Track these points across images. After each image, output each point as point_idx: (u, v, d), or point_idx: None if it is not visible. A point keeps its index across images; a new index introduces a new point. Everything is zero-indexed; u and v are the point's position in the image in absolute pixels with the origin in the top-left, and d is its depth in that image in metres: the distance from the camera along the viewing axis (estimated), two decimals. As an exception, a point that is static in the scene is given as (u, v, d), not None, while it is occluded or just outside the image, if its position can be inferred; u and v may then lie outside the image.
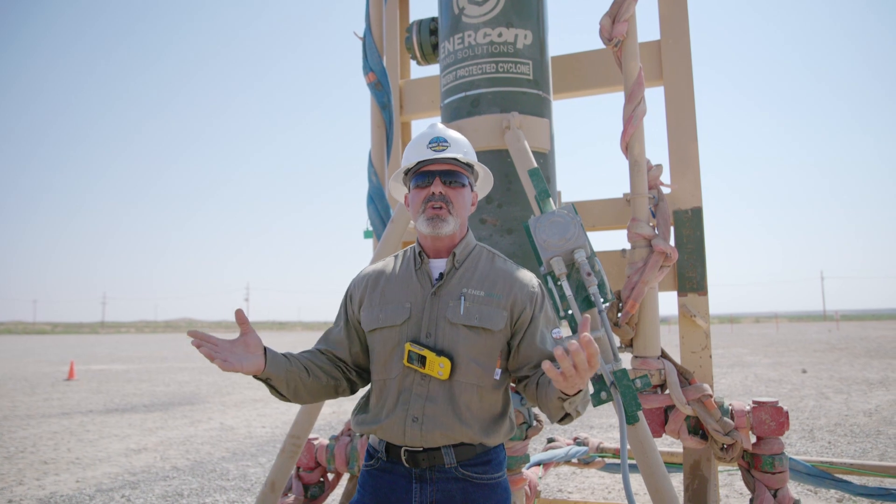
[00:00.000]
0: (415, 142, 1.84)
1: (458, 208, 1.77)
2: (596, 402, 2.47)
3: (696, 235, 3.43)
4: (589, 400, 1.60)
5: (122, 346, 40.62)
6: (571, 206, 2.66)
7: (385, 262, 1.91)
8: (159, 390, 13.46)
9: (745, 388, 11.65)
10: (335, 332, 1.89)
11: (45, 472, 6.18)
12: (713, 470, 3.23)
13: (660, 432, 3.16)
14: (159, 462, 6.54)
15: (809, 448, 6.56)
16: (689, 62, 3.56)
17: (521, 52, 3.18)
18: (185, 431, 8.38)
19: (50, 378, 16.60)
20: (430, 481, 1.67)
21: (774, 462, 3.00)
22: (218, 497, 5.17)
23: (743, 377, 13.48)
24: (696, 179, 3.48)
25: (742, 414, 3.04)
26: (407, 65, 4.39)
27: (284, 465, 2.90)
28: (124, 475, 5.99)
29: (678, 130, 3.52)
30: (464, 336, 1.69)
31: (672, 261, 3.16)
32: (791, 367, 15.36)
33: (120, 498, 5.18)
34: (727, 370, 15.03)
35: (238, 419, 9.40)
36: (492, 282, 1.76)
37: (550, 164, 3.31)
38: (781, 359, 18.32)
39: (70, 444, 7.61)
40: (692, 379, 3.13)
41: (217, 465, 6.39)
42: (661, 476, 2.30)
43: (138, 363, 22.58)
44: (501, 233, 3.11)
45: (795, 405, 9.41)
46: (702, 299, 3.39)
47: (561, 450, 4.19)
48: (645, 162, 3.27)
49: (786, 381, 12.66)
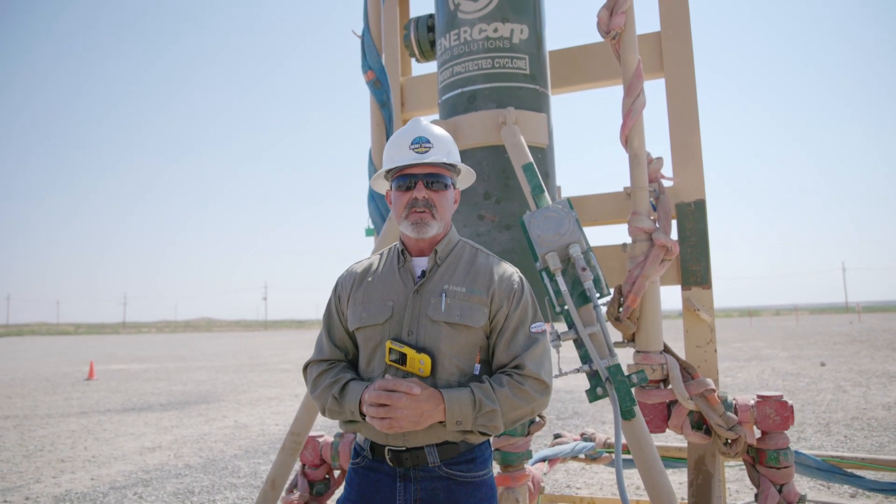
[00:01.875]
0: (396, 140, 1.82)
1: (441, 211, 1.77)
2: (592, 398, 2.46)
3: (699, 228, 3.39)
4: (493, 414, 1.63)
5: (142, 345, 41.16)
6: (566, 200, 2.64)
7: (370, 260, 1.91)
8: (176, 389, 13.61)
9: (761, 381, 11.52)
10: (338, 336, 1.86)
11: (61, 469, 6.28)
12: (718, 465, 3.20)
13: (663, 427, 3.13)
14: (173, 460, 6.62)
15: (825, 442, 6.47)
16: (690, 53, 3.51)
17: (517, 47, 3.16)
18: (199, 430, 8.47)
19: (70, 378, 16.87)
20: (413, 480, 1.67)
21: (779, 457, 2.96)
22: (228, 494, 5.22)
23: (760, 371, 13.33)
24: (698, 171, 3.44)
25: (746, 408, 3.01)
26: (408, 62, 4.39)
27: (285, 463, 2.92)
28: (138, 473, 6.07)
29: (680, 122, 3.48)
30: (445, 333, 1.69)
31: (673, 254, 3.12)
32: (810, 361, 15.17)
33: (132, 495, 5.25)
34: (744, 364, 14.88)
35: (252, 417, 9.48)
36: (472, 278, 1.75)
37: (549, 159, 3.30)
38: (800, 352, 18.09)
39: (87, 442, 7.73)
40: (695, 374, 3.10)
41: (229, 462, 6.45)
42: (658, 472, 2.29)
43: (157, 363, 22.87)
44: (500, 229, 3.10)
45: (812, 399, 9.29)
46: (706, 293, 3.35)
47: (567, 445, 4.17)
48: (645, 155, 3.24)
49: (804, 374, 12.49)
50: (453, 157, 1.83)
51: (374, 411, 1.57)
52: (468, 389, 1.62)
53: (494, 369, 1.74)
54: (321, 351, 1.86)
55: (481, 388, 1.63)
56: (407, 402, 1.55)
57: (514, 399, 1.63)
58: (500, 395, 1.62)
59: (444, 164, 1.79)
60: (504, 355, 1.71)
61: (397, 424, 1.56)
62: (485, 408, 1.60)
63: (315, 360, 1.85)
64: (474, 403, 1.60)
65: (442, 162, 1.77)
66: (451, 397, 1.60)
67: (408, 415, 1.56)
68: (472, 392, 1.61)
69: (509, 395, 1.63)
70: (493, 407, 1.61)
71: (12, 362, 24.49)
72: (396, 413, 1.55)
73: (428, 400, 1.58)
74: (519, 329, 1.72)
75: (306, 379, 1.86)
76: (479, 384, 1.65)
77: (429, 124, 1.85)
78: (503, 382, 1.65)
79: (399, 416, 1.56)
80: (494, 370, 1.74)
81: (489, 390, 1.63)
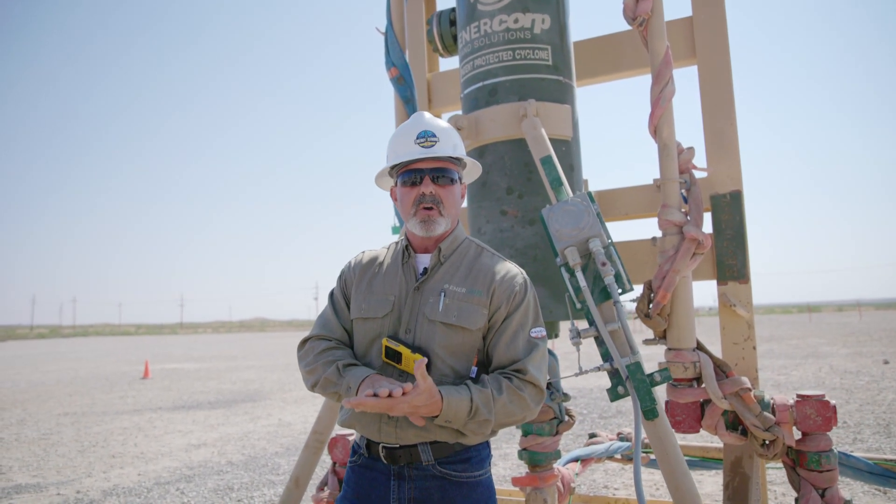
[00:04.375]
0: (400, 134, 1.78)
1: (448, 207, 1.74)
2: (613, 397, 2.38)
3: (735, 221, 3.25)
4: (485, 423, 1.58)
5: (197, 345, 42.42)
6: (587, 194, 2.56)
7: (377, 252, 1.88)
8: (225, 388, 13.96)
9: (818, 379, 11.06)
10: (345, 318, 1.81)
11: (111, 465, 6.50)
12: (756, 467, 3.05)
13: (696, 427, 3.00)
14: (216, 457, 6.78)
15: (884, 444, 6.14)
16: (725, 37, 3.36)
17: (538, 38, 3.09)
18: (244, 427, 8.65)
19: (127, 377, 17.52)
20: (408, 479, 1.64)
21: (821, 459, 2.80)
22: (266, 491, 5.30)
23: (816, 368, 12.79)
24: (734, 162, 3.29)
25: (784, 408, 2.85)
26: (435, 58, 4.35)
27: (308, 461, 2.93)
28: (182, 469, 6.23)
29: (714, 111, 3.34)
30: (441, 333, 1.65)
31: (705, 248, 2.99)
32: (871, 358, 14.46)
33: (175, 491, 5.39)
34: (800, 361, 14.31)
35: (296, 415, 9.63)
36: (474, 278, 1.71)
37: (574, 152, 3.21)
38: (862, 349, 17.28)
39: (137, 439, 7.99)
40: (730, 372, 2.96)
41: (270, 459, 6.56)
42: (682, 474, 2.19)
43: (209, 362, 23.52)
44: (523, 224, 3.03)
45: (872, 398, 8.84)
46: (743, 288, 3.21)
47: (601, 445, 4.06)
48: (675, 145, 3.11)
49: (864, 372, 11.92)
50: (459, 151, 1.80)
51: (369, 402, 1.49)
52: (468, 397, 1.56)
53: (491, 370, 1.69)
54: (331, 330, 1.79)
55: (481, 396, 1.57)
56: (399, 401, 1.49)
57: (510, 407, 1.59)
58: (497, 404, 1.57)
59: (450, 157, 1.75)
60: (503, 356, 1.66)
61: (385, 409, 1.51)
62: (479, 416, 1.56)
63: (320, 336, 1.79)
64: (470, 411, 1.55)
65: (448, 156, 1.73)
66: (451, 402, 1.54)
67: (400, 409, 1.50)
68: (472, 399, 1.56)
69: (507, 403, 1.58)
70: (487, 417, 1.56)
71: (76, 362, 25.58)
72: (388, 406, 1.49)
73: (426, 399, 1.51)
74: (519, 331, 1.67)
75: (304, 351, 1.80)
76: (480, 389, 1.59)
77: (433, 118, 1.81)
78: (503, 389, 1.59)
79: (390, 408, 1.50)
80: (491, 371, 1.68)
81: (489, 399, 1.57)
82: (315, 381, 1.70)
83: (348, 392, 1.61)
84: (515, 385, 1.60)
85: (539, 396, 1.64)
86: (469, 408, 1.55)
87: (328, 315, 1.83)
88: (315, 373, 1.71)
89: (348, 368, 1.66)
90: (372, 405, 1.47)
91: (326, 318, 1.82)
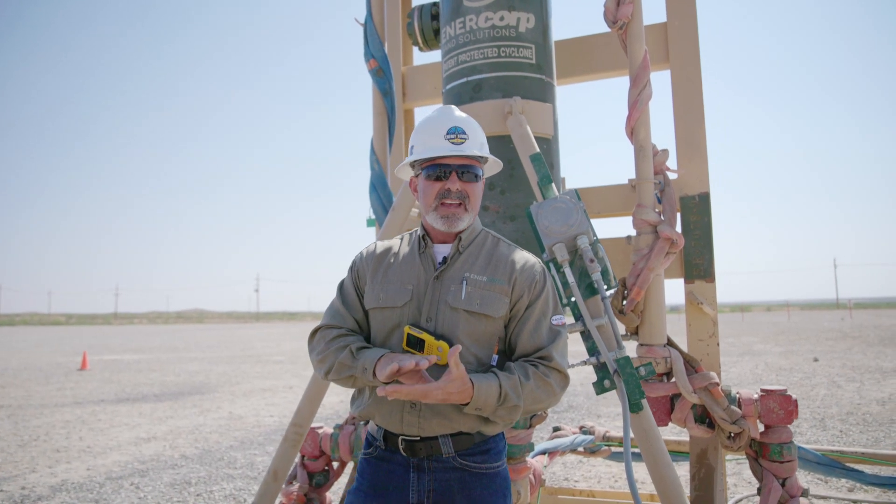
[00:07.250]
0: (429, 127, 1.77)
1: (473, 203, 1.75)
2: (599, 391, 2.44)
3: (703, 222, 3.37)
4: (514, 409, 1.61)
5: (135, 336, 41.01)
6: (574, 191, 2.62)
7: (391, 242, 1.88)
8: (169, 380, 13.56)
9: (754, 376, 11.57)
10: (355, 309, 1.80)
11: (56, 459, 6.24)
12: (720, 459, 3.19)
13: (666, 421, 3.12)
14: (168, 451, 6.59)
15: (820, 437, 6.50)
16: (696, 44, 3.48)
17: (523, 36, 3.13)
18: (194, 420, 8.44)
19: (63, 368, 16.78)
20: (427, 471, 1.65)
21: (783, 451, 2.95)
22: (225, 485, 5.20)
23: (753, 366, 13.39)
24: (703, 164, 3.42)
25: (750, 402, 3.00)
26: (410, 51, 4.34)
27: (287, 454, 2.90)
28: (134, 463, 6.03)
29: (685, 114, 3.45)
30: (464, 321, 1.66)
31: (678, 247, 3.11)
32: (802, 356, 15.23)
33: (129, 486, 5.22)
34: (737, 359, 14.94)
35: (247, 408, 9.45)
36: (494, 267, 1.73)
37: (554, 150, 3.27)
38: (792, 347, 18.18)
39: (82, 432, 7.69)
40: (699, 367, 3.09)
41: (225, 453, 6.43)
42: (665, 465, 2.27)
43: (150, 353, 22.79)
44: (504, 220, 3.07)
45: (806, 394, 9.33)
46: (709, 286, 3.34)
47: (566, 438, 4.17)
48: (650, 147, 3.21)
49: (797, 369, 12.55)
50: (486, 149, 1.82)
51: (404, 389, 1.52)
52: (497, 383, 1.58)
53: (515, 358, 1.71)
54: (341, 319, 1.77)
55: (510, 382, 1.59)
56: (432, 389, 1.50)
57: (538, 393, 1.62)
58: (525, 389, 1.60)
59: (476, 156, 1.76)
60: (528, 345, 1.69)
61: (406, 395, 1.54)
62: (509, 402, 1.58)
63: (330, 325, 1.77)
64: (499, 397, 1.58)
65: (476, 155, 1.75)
66: (481, 388, 1.56)
67: (434, 397, 1.52)
68: (500, 386, 1.58)
69: (534, 389, 1.62)
70: (516, 403, 1.59)
71: (5, 352, 24.35)
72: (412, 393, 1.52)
73: (457, 387, 1.52)
74: (542, 319, 1.70)
75: (315, 341, 1.78)
76: (508, 376, 1.61)
77: (461, 113, 1.82)
78: (529, 375, 1.62)
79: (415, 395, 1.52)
80: (515, 359, 1.71)
81: (517, 385, 1.60)
82: (329, 368, 1.69)
83: (364, 373, 1.60)
84: (542, 372, 1.64)
85: (564, 382, 1.67)
86: (499, 394, 1.57)
87: (337, 305, 1.81)
88: (328, 359, 1.69)
89: (361, 351, 1.66)
90: (406, 393, 1.48)
91: (336, 308, 1.81)
